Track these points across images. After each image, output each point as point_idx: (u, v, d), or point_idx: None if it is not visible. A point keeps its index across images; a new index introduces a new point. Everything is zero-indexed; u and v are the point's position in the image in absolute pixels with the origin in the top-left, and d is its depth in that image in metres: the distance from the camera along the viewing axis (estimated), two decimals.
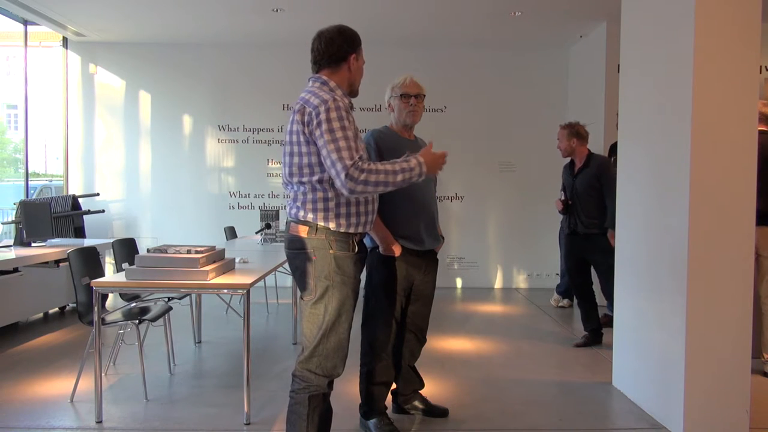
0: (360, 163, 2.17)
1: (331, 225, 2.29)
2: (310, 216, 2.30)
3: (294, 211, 2.34)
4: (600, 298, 6.35)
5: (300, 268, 2.33)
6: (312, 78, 2.42)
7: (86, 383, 3.45)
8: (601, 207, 4.64)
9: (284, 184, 2.42)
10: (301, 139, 2.26)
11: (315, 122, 2.21)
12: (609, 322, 5.06)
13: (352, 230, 2.33)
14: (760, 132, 3.23)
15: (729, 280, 2.97)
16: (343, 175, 2.15)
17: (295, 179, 2.31)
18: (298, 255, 2.33)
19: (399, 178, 2.24)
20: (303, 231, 2.30)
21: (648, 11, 3.49)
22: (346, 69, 2.40)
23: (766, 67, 6.11)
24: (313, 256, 2.29)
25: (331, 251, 2.29)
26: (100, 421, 3.14)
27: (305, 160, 2.27)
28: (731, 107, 2.96)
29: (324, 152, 2.20)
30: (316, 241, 2.29)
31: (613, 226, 4.57)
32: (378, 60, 7.46)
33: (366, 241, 2.99)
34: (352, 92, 2.46)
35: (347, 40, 2.40)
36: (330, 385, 2.39)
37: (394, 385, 3.18)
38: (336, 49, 2.38)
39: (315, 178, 2.27)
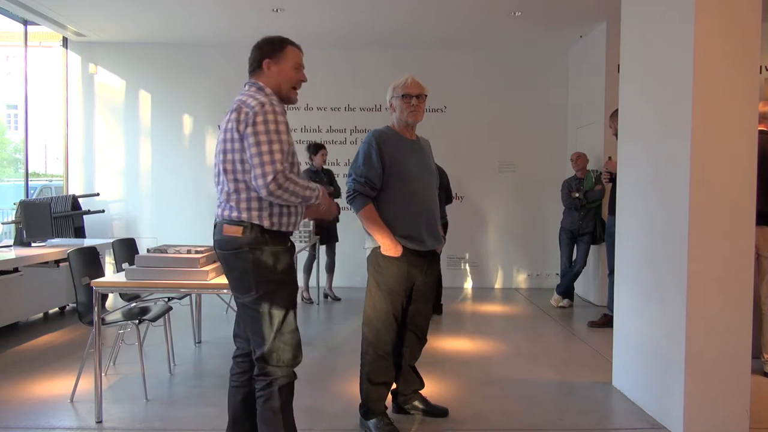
0: (288, 172, 2.26)
1: (266, 223, 2.34)
2: (244, 215, 2.34)
3: (227, 212, 2.38)
4: (598, 299, 6.37)
5: (238, 268, 2.36)
6: (248, 83, 2.48)
7: (86, 383, 3.45)
8: None
9: (216, 183, 2.48)
10: (236, 136, 2.31)
11: (251, 121, 2.27)
12: (609, 322, 5.08)
13: (284, 229, 2.39)
14: (760, 132, 3.23)
15: (729, 280, 2.97)
16: (270, 177, 2.22)
17: (230, 176, 2.36)
18: (234, 255, 2.36)
19: (306, 194, 2.34)
20: (237, 231, 2.34)
21: (648, 11, 3.49)
22: (266, 75, 2.45)
23: (766, 67, 6.11)
24: (251, 255, 2.32)
25: (267, 247, 2.34)
26: (100, 421, 3.14)
27: (237, 156, 2.32)
28: (731, 107, 2.96)
29: (254, 150, 2.25)
30: (252, 239, 2.33)
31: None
32: (377, 60, 7.51)
33: (368, 240, 3.00)
34: (282, 98, 2.47)
35: (261, 49, 2.48)
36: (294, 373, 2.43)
37: (394, 385, 3.19)
38: (252, 59, 2.48)
39: (249, 176, 2.32)
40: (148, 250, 3.31)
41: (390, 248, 2.89)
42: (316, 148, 6.20)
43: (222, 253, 2.42)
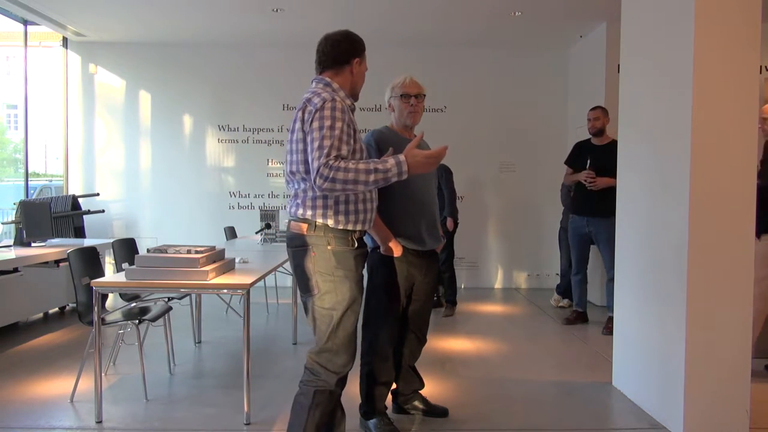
0: (332, 162, 2.16)
1: (330, 222, 2.34)
2: (309, 213, 2.34)
3: (294, 209, 2.39)
4: (598, 299, 6.37)
5: (301, 266, 2.38)
6: (315, 79, 2.47)
7: (86, 383, 3.45)
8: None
9: (287, 181, 2.46)
10: (299, 136, 2.30)
11: (311, 119, 2.25)
12: (582, 317, 5.38)
13: (350, 227, 2.37)
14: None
15: (729, 280, 2.97)
16: (314, 172, 2.18)
17: (297, 176, 2.35)
18: (298, 252, 2.38)
19: (372, 178, 2.19)
20: (302, 228, 2.35)
21: (648, 11, 3.49)
22: (349, 72, 2.46)
23: (766, 67, 6.10)
24: (313, 253, 2.33)
25: (329, 247, 2.34)
26: (100, 421, 3.14)
27: (302, 157, 2.31)
28: (731, 107, 2.96)
29: (309, 148, 2.24)
30: (314, 237, 2.34)
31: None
32: (378, 60, 7.45)
33: (367, 241, 2.99)
34: (354, 96, 2.52)
35: (352, 44, 2.47)
36: (340, 383, 2.42)
37: (394, 385, 3.19)
38: (341, 52, 2.44)
39: None
40: (148, 250, 3.31)
41: (390, 248, 2.88)
42: None
43: (288, 250, 2.44)
